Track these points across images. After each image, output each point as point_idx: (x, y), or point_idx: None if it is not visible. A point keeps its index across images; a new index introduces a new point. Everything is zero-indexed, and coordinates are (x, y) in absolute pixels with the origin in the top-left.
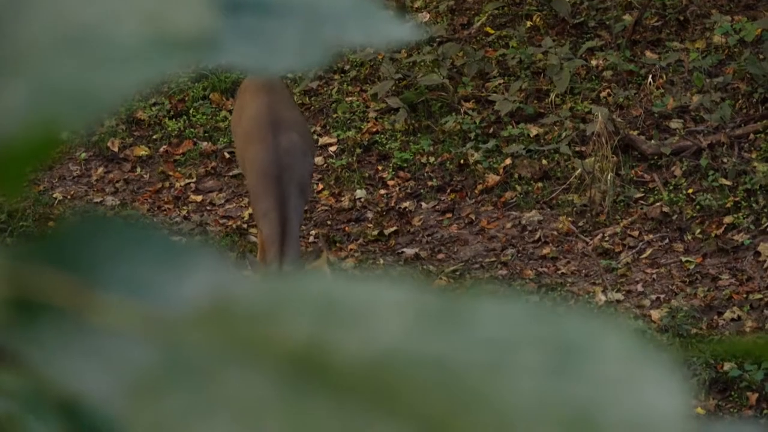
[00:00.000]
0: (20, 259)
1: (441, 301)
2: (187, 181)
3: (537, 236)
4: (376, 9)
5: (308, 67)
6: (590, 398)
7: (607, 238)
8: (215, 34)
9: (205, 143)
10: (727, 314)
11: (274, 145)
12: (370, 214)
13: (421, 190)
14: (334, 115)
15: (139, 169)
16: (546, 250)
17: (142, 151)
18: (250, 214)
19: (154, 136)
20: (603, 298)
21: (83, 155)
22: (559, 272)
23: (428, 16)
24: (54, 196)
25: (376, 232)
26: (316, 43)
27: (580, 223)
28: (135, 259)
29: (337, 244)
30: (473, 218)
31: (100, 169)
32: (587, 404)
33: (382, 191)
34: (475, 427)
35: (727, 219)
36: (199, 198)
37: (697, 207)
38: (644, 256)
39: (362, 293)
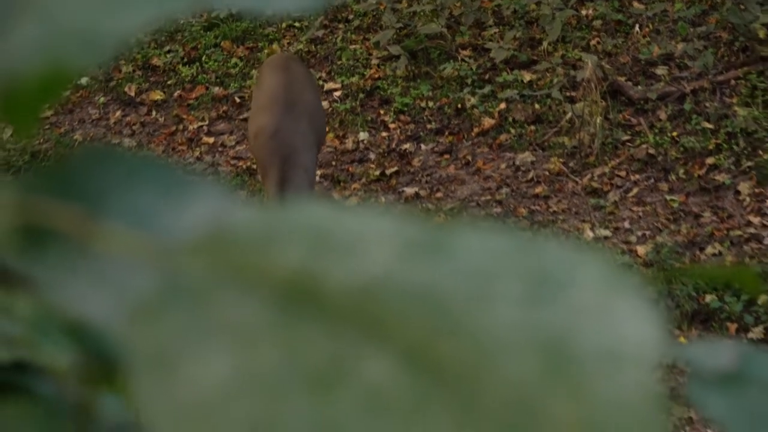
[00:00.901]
0: (30, 190)
1: (427, 233)
2: (200, 124)
3: (530, 176)
4: None
5: (306, 10)
6: (565, 326)
7: (595, 178)
8: None
9: (216, 88)
10: (709, 250)
11: (285, 124)
12: (372, 156)
13: (421, 133)
14: (339, 62)
15: (154, 113)
16: (538, 189)
17: (157, 95)
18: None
19: (169, 82)
20: (591, 234)
21: (102, 99)
22: (551, 210)
23: None
24: (74, 138)
25: (378, 173)
26: None
27: (571, 164)
28: (139, 190)
29: (342, 184)
30: (470, 159)
31: (118, 113)
32: (562, 332)
33: (384, 134)
34: (455, 352)
35: (709, 160)
36: (211, 140)
37: (681, 149)
38: (631, 194)
39: (353, 224)
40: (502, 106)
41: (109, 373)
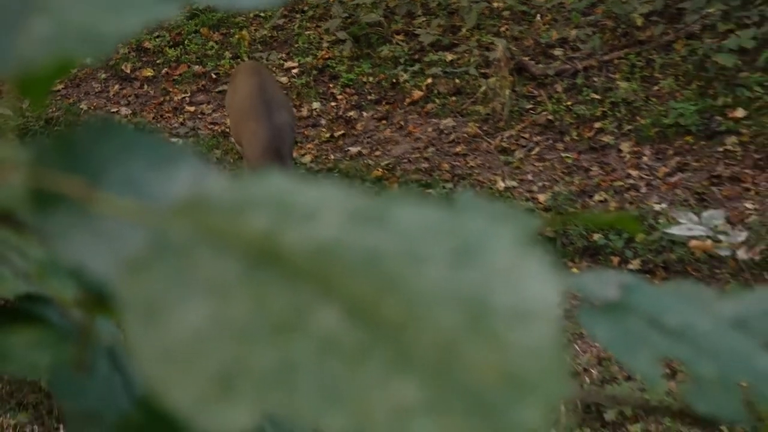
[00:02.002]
0: (42, 160)
1: (370, 204)
2: (183, 95)
3: (451, 138)
4: None
5: (269, 6)
6: (484, 285)
7: (505, 139)
8: None
9: (197, 66)
10: (596, 197)
11: (271, 122)
12: (323, 121)
13: (363, 103)
14: (296, 45)
15: (146, 87)
16: (458, 149)
17: (148, 72)
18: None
19: (158, 61)
20: (502, 185)
21: (103, 76)
22: (469, 165)
23: None
24: (81, 107)
25: (328, 135)
26: None
27: (485, 128)
28: (132, 161)
29: (298, 144)
30: (403, 124)
31: (116, 87)
32: (481, 290)
33: (333, 103)
34: (393, 305)
35: (597, 124)
36: (192, 108)
37: (574, 115)
38: (533, 153)
39: (309, 196)
40: (429, 80)
41: (104, 303)
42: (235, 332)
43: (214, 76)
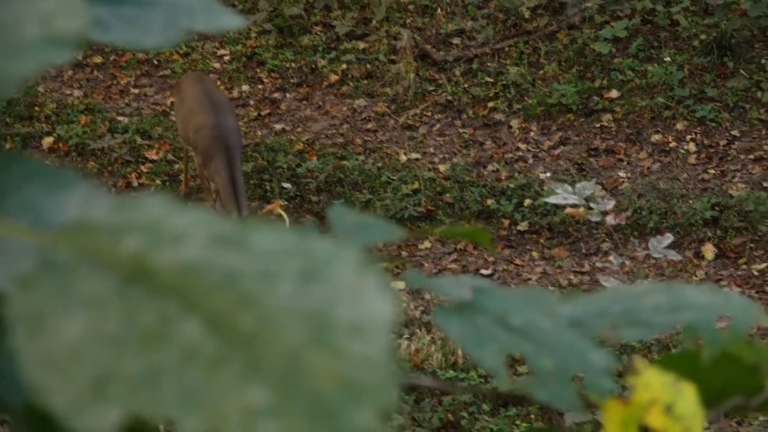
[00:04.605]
0: None
1: (231, 228)
2: (128, 79)
3: (363, 116)
4: (216, 4)
5: (169, 44)
6: (327, 301)
7: (410, 117)
8: (88, 32)
9: (140, 54)
10: (490, 167)
11: (220, 121)
12: (252, 102)
13: (286, 85)
14: (227, 35)
15: (96, 72)
16: (369, 125)
17: (98, 59)
18: (172, 102)
19: (106, 49)
20: (406, 157)
21: None
22: (378, 140)
23: None
24: (39, 89)
25: (255, 114)
26: (174, 27)
27: (392, 107)
28: (30, 190)
29: None
30: (321, 104)
31: (70, 72)
32: (325, 306)
33: (260, 86)
34: (245, 318)
35: (490, 104)
36: (136, 91)
37: (470, 96)
38: (435, 129)
39: (178, 220)
40: (344, 66)
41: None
42: (109, 342)
43: (155, 63)
